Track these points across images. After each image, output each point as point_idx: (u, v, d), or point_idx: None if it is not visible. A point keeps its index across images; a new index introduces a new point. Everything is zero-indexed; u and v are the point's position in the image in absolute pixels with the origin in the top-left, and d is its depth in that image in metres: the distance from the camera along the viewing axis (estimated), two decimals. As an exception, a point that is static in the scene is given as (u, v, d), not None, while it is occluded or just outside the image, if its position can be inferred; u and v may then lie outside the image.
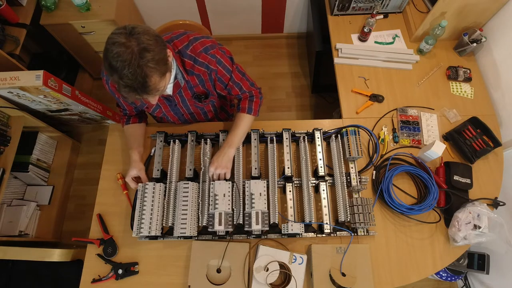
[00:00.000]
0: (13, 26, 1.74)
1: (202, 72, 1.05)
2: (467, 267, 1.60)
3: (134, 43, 0.78)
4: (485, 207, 1.17)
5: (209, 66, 1.03)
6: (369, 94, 1.46)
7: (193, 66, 1.02)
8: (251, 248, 1.16)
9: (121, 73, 0.77)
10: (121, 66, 0.77)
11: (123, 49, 0.76)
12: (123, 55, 0.76)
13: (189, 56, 1.01)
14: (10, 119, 1.67)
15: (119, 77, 0.78)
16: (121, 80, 0.79)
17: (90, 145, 2.29)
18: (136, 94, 0.83)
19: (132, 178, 1.19)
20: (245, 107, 1.18)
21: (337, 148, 1.26)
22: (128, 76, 0.78)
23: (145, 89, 0.82)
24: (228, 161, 1.15)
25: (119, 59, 0.76)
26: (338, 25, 1.67)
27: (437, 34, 1.44)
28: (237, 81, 1.12)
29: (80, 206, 2.13)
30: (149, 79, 0.81)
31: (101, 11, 1.80)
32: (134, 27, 0.80)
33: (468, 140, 1.31)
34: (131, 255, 1.17)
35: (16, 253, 1.48)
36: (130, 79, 0.78)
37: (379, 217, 1.23)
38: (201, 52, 1.01)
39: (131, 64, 0.77)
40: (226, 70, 1.07)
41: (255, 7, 2.25)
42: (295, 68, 2.51)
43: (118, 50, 0.76)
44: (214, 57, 1.02)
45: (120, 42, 0.77)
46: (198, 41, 1.01)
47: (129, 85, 0.80)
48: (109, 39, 0.79)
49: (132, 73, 0.77)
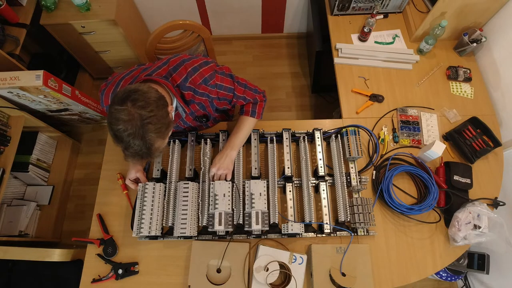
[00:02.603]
0: (13, 26, 1.73)
1: (203, 101, 1.08)
2: (467, 267, 1.59)
3: (137, 117, 0.81)
4: (485, 207, 1.17)
5: (210, 95, 1.06)
6: (369, 94, 1.46)
7: (193, 96, 1.05)
8: (251, 248, 1.16)
9: (127, 144, 0.82)
10: (127, 140, 0.81)
11: (127, 125, 0.80)
12: (127, 130, 0.80)
13: (188, 87, 1.02)
14: (10, 119, 1.67)
15: (125, 147, 0.84)
16: (127, 150, 0.84)
17: (90, 145, 2.28)
18: (141, 160, 0.89)
19: (131, 180, 1.20)
20: (248, 110, 1.19)
21: (337, 148, 1.26)
22: (133, 147, 0.83)
23: (149, 155, 0.87)
24: (230, 162, 1.17)
25: (124, 134, 0.81)
26: (338, 25, 1.67)
27: (437, 34, 1.44)
28: (240, 95, 1.13)
29: (80, 206, 2.12)
30: (153, 146, 0.86)
31: (101, 11, 1.80)
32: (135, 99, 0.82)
33: (468, 140, 1.31)
34: (131, 255, 1.17)
35: (16, 253, 1.48)
36: (136, 150, 0.83)
37: (379, 217, 1.23)
38: (200, 84, 1.02)
39: (135, 138, 0.81)
40: (228, 91, 1.09)
41: (255, 7, 2.25)
42: (295, 68, 2.50)
43: (122, 127, 0.80)
44: (215, 86, 1.05)
45: (124, 119, 0.80)
46: (197, 73, 1.01)
47: (134, 153, 0.85)
48: (111, 113, 0.82)
49: (137, 144, 0.82)
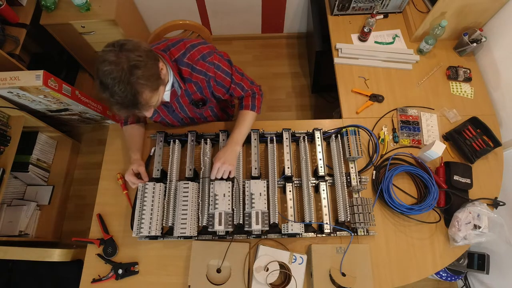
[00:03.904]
0: (13, 26, 1.74)
1: (200, 80, 1.05)
2: (467, 267, 1.60)
3: (124, 60, 0.78)
4: (485, 207, 1.17)
5: (207, 73, 1.03)
6: (369, 94, 1.46)
7: (191, 74, 1.02)
8: (251, 248, 1.16)
9: (112, 90, 0.78)
10: (112, 84, 0.77)
11: (113, 67, 0.77)
12: (113, 72, 0.77)
13: (187, 64, 1.01)
14: (10, 119, 1.67)
15: (110, 94, 0.79)
16: (112, 97, 0.80)
17: (90, 145, 2.29)
18: (127, 111, 0.84)
19: (132, 173, 1.16)
20: (248, 104, 1.18)
21: (337, 148, 1.26)
22: (118, 93, 0.78)
23: (136, 106, 0.83)
24: (234, 157, 1.12)
25: (109, 77, 0.77)
26: (338, 25, 1.67)
27: (437, 34, 1.44)
28: (238, 82, 1.12)
29: (80, 206, 2.13)
30: (140, 95, 0.81)
31: (101, 11, 1.80)
32: (124, 43, 0.80)
33: (468, 140, 1.31)
34: (131, 255, 1.17)
35: (16, 253, 1.48)
36: (121, 96, 0.79)
37: (379, 217, 1.23)
38: (198, 60, 1.01)
39: (121, 82, 0.77)
40: (225, 74, 1.07)
41: (255, 7, 2.25)
42: (295, 68, 2.51)
43: (108, 68, 0.77)
44: (212, 64, 1.02)
45: (110, 60, 0.77)
46: (195, 49, 1.00)
47: (119, 102, 0.81)
48: (99, 57, 0.79)
49: (122, 90, 0.78)
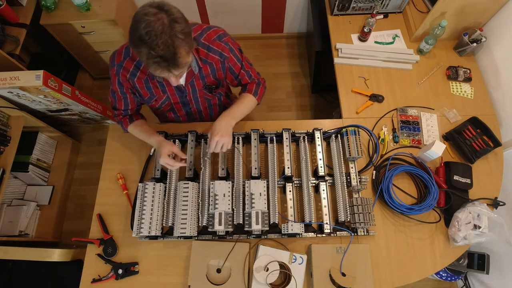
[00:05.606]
0: (13, 26, 1.74)
1: (215, 61, 1.08)
2: (467, 267, 1.60)
3: (164, 14, 0.79)
4: (485, 207, 1.17)
5: (223, 53, 1.07)
6: (369, 94, 1.46)
7: (207, 54, 1.06)
8: (251, 248, 1.16)
9: (153, 43, 0.77)
10: (153, 36, 0.77)
11: (154, 19, 0.77)
12: (154, 25, 0.77)
13: (203, 44, 1.04)
14: (10, 119, 1.67)
15: (150, 47, 0.78)
16: (153, 50, 0.78)
17: (90, 145, 2.29)
18: (167, 65, 0.82)
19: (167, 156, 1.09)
20: (252, 89, 1.21)
21: (337, 148, 1.26)
22: (160, 46, 0.78)
23: (175, 61, 0.82)
24: (231, 130, 1.10)
25: (151, 30, 0.77)
26: (338, 25, 1.67)
27: (437, 34, 1.44)
28: (247, 69, 1.18)
29: (80, 206, 2.13)
30: (179, 50, 0.81)
31: (101, 11, 1.80)
32: (163, 2, 0.81)
33: (468, 140, 1.31)
34: (131, 255, 1.17)
35: (16, 253, 1.48)
36: (162, 49, 0.78)
37: (379, 217, 1.23)
38: (215, 40, 1.05)
39: (163, 34, 0.77)
40: (237, 59, 1.12)
41: (255, 7, 2.25)
42: (295, 68, 2.50)
43: (149, 20, 0.77)
44: (227, 45, 1.07)
45: (152, 12, 0.77)
46: (211, 30, 1.05)
47: (160, 55, 0.79)
48: (139, 12, 0.79)
49: (163, 43, 0.78)
